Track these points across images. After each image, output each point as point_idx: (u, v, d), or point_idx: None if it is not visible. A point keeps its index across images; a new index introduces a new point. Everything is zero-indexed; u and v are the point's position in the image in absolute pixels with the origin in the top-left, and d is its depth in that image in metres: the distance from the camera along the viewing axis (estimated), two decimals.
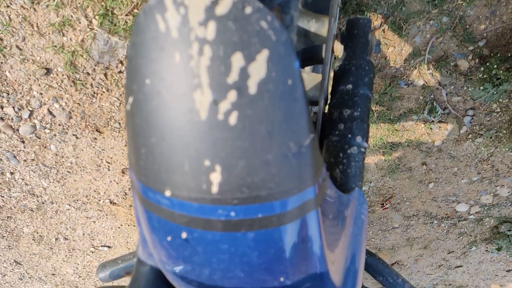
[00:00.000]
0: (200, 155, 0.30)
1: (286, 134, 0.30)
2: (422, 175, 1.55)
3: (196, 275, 0.40)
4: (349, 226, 0.49)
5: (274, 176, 0.31)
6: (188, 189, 0.32)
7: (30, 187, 1.43)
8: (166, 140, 0.30)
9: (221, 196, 0.31)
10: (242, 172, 0.30)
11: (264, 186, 0.31)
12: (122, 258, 0.88)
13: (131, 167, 0.36)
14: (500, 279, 2.15)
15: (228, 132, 0.29)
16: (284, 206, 0.33)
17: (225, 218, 0.33)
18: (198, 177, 0.31)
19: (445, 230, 1.82)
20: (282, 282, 0.40)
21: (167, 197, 0.33)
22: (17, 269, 1.83)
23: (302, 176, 0.32)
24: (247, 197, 0.31)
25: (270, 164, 0.30)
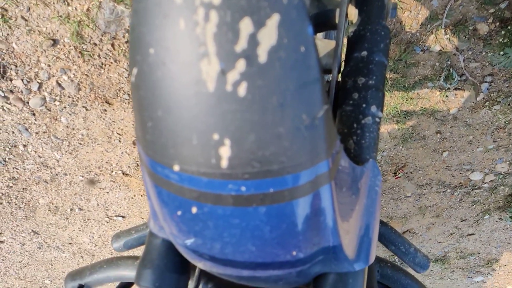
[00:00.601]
0: (208, 129, 0.28)
1: (298, 105, 0.28)
2: (436, 143, 1.52)
3: (207, 248, 0.39)
4: (363, 198, 0.48)
5: (286, 150, 0.29)
6: (197, 164, 0.30)
7: (43, 159, 1.44)
8: (172, 113, 0.29)
9: (231, 170, 0.30)
10: (252, 146, 0.29)
11: (275, 160, 0.30)
12: (135, 228, 0.89)
13: (139, 141, 0.35)
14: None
15: (237, 104, 0.27)
16: (296, 181, 0.31)
17: (236, 193, 0.31)
18: (206, 152, 0.29)
19: (458, 199, 1.81)
20: (295, 256, 0.39)
21: (176, 172, 0.32)
22: (35, 239, 1.88)
23: (315, 149, 0.31)
24: (258, 171, 0.30)
25: (282, 137, 0.29)
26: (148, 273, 0.50)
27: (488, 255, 2.21)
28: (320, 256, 0.43)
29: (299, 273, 0.43)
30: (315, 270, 0.45)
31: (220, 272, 0.45)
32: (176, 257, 0.51)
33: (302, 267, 0.42)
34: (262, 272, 0.42)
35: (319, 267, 0.45)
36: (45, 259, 2.03)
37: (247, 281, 0.47)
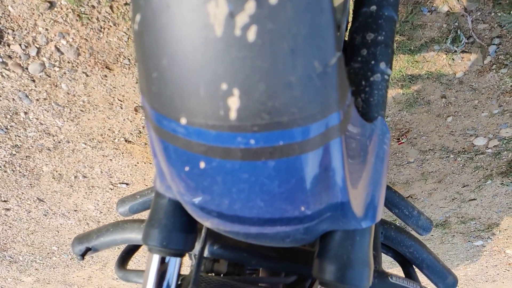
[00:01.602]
0: (216, 78, 0.27)
1: (310, 51, 0.27)
2: (441, 108, 1.51)
3: (215, 205, 0.39)
4: (371, 156, 0.47)
5: (297, 100, 0.28)
6: (205, 116, 0.29)
7: (45, 126, 1.43)
8: (178, 61, 0.28)
9: (240, 122, 0.29)
10: (262, 96, 0.28)
11: (285, 111, 0.29)
12: (140, 193, 0.89)
13: (143, 94, 0.34)
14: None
15: (246, 50, 0.26)
16: (306, 133, 0.31)
17: (245, 147, 0.31)
18: (214, 103, 0.28)
19: (461, 164, 1.81)
20: (303, 212, 0.39)
21: (183, 125, 0.31)
22: (40, 206, 1.90)
23: (326, 100, 0.30)
24: (267, 123, 0.29)
25: (293, 86, 0.28)
26: (155, 232, 0.50)
27: (489, 220, 2.23)
28: (328, 213, 0.42)
29: (306, 229, 0.43)
30: (322, 227, 0.45)
31: (228, 230, 0.45)
32: (183, 216, 0.51)
33: (310, 223, 0.42)
34: (270, 228, 0.42)
35: (326, 224, 0.45)
36: (51, 226, 2.06)
37: (254, 238, 0.47)
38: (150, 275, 0.52)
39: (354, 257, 0.45)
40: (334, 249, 0.46)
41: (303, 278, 0.77)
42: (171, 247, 0.50)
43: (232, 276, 0.74)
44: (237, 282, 0.70)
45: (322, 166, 0.34)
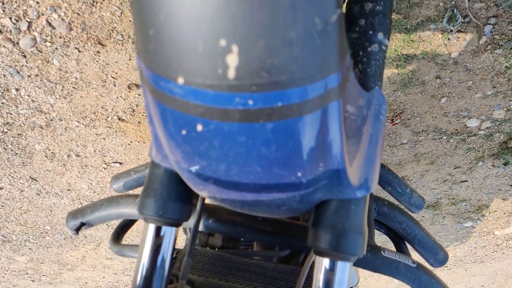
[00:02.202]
0: (214, 34, 0.27)
1: (311, 7, 0.26)
2: (435, 89, 1.51)
3: (212, 171, 0.39)
4: (368, 126, 0.47)
5: (297, 58, 0.28)
6: (203, 75, 0.29)
7: (37, 103, 1.42)
8: (175, 17, 0.27)
9: (239, 81, 0.29)
10: (261, 52, 0.27)
11: (285, 70, 0.28)
12: (135, 169, 0.89)
13: (139, 54, 0.33)
14: (503, 193, 2.20)
15: (245, 5, 0.25)
16: (305, 94, 0.30)
17: (243, 107, 0.30)
18: (213, 60, 0.28)
19: (453, 146, 1.83)
20: (299, 178, 0.39)
21: (180, 85, 0.31)
22: (33, 185, 1.89)
23: (326, 59, 0.30)
24: (266, 82, 0.29)
25: (293, 43, 0.27)
26: (151, 202, 0.50)
27: (479, 201, 2.27)
28: (324, 181, 0.42)
29: (302, 197, 0.44)
30: (317, 196, 0.45)
31: (224, 198, 0.45)
32: (179, 186, 0.51)
33: (306, 190, 0.42)
34: (266, 195, 0.42)
35: (321, 193, 0.45)
36: (45, 205, 2.05)
37: (250, 207, 0.47)
38: (146, 245, 0.52)
39: (349, 225, 0.45)
40: (329, 218, 0.46)
41: (297, 252, 0.78)
42: (167, 217, 0.50)
43: (227, 250, 0.74)
44: (231, 255, 0.71)
45: (320, 130, 0.34)
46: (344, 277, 0.47)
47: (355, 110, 0.42)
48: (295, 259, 0.78)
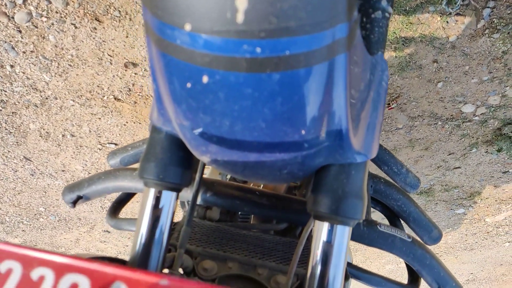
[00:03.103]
0: None
1: None
2: (432, 73, 1.51)
3: (216, 128, 0.39)
4: (371, 90, 0.47)
5: (306, 3, 0.28)
6: (211, 20, 0.29)
7: (32, 81, 1.40)
8: None
9: (247, 27, 0.28)
10: None
11: (294, 15, 0.28)
12: (132, 145, 0.88)
13: (146, 3, 0.33)
14: (495, 180, 2.22)
15: None
16: (313, 43, 0.30)
17: (250, 56, 0.30)
18: (222, 3, 0.28)
19: (448, 132, 1.84)
20: (302, 136, 0.39)
21: (187, 32, 0.30)
22: (27, 165, 1.88)
23: (335, 7, 0.29)
24: (275, 28, 0.29)
25: None
26: (152, 166, 0.50)
27: (471, 188, 2.29)
28: (326, 142, 0.43)
29: (304, 159, 0.44)
30: (319, 159, 0.45)
31: (226, 160, 0.45)
32: (180, 151, 0.51)
33: (308, 151, 0.42)
34: (268, 156, 0.42)
35: (323, 156, 0.45)
36: (39, 186, 2.05)
37: (251, 171, 0.47)
38: (146, 211, 0.52)
39: (348, 190, 0.46)
40: (329, 183, 0.46)
41: (294, 226, 0.79)
42: (167, 181, 0.50)
43: (225, 223, 0.75)
44: (229, 227, 0.71)
45: (326, 84, 0.34)
46: (343, 241, 0.48)
47: (360, 71, 0.42)
48: (292, 232, 0.79)
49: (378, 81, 0.48)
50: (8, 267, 0.29)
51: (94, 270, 0.29)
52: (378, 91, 0.49)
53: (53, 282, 0.28)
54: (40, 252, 0.29)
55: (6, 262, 0.29)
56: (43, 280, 0.28)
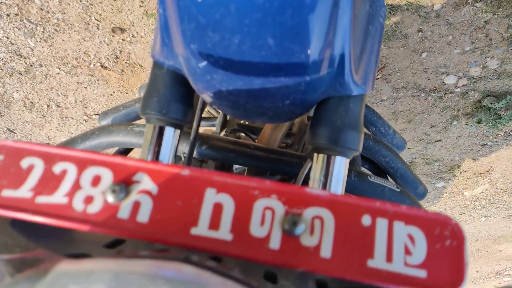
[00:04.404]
0: None
1: None
2: (417, 43, 1.55)
3: (224, 48, 0.40)
4: (369, 24, 0.49)
5: None
6: None
7: (16, 46, 1.37)
8: None
9: None
10: None
11: None
12: (124, 105, 0.89)
13: None
14: (474, 154, 2.30)
15: None
16: None
17: None
18: None
19: (430, 104, 1.88)
20: (308, 57, 0.41)
21: None
22: (11, 137, 1.85)
23: None
24: None
25: None
26: (154, 101, 0.51)
27: (451, 161, 2.36)
28: (329, 68, 0.44)
29: (307, 86, 0.45)
30: (320, 89, 0.47)
31: (230, 90, 0.46)
32: (182, 87, 0.52)
33: (312, 75, 0.44)
34: (273, 80, 0.44)
35: (324, 86, 0.47)
36: None
37: (254, 101, 0.48)
38: (148, 147, 0.52)
39: (347, 121, 0.48)
40: (329, 115, 0.48)
41: (287, 178, 0.81)
42: (170, 116, 0.51)
43: None
44: None
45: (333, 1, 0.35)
46: (341, 171, 0.50)
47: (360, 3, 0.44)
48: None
49: (376, 16, 0.50)
50: (30, 163, 0.30)
51: (116, 163, 0.30)
52: (376, 26, 0.50)
53: (76, 175, 0.29)
54: (61, 149, 0.30)
55: (27, 159, 0.30)
56: (66, 174, 0.29)
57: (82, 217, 0.28)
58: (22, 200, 0.29)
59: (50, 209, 0.28)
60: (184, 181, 0.29)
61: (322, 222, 0.28)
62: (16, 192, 0.29)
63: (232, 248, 0.27)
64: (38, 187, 0.29)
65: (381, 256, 0.27)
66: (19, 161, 0.30)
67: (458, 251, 0.27)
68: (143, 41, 1.37)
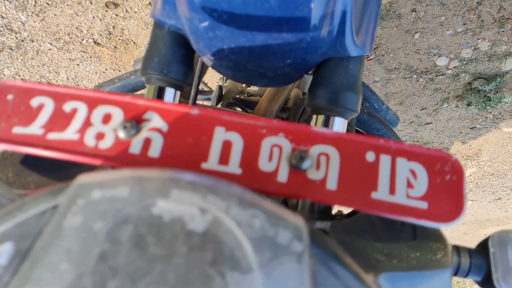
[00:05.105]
0: None
1: None
2: (410, 23, 1.56)
3: (227, 2, 0.40)
4: None
5: None
6: None
7: (7, 20, 1.35)
8: None
9: None
10: None
11: None
12: (119, 77, 0.88)
13: None
14: (463, 136, 2.33)
15: None
16: None
17: None
18: None
19: (422, 86, 1.90)
20: (311, 11, 0.41)
21: None
22: None
23: None
24: None
25: None
26: (155, 61, 0.51)
27: (441, 144, 2.40)
28: (331, 26, 0.45)
29: (309, 44, 0.46)
30: (321, 49, 0.48)
31: (232, 48, 0.47)
32: (182, 48, 0.52)
33: (314, 32, 0.44)
34: (276, 36, 0.44)
35: (325, 46, 0.47)
36: None
37: (256, 60, 0.49)
38: None
39: (346, 83, 0.49)
40: (328, 76, 0.49)
41: None
42: (171, 76, 0.51)
43: None
44: None
45: None
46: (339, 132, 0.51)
47: None
48: None
49: None
50: (40, 102, 0.30)
51: (126, 102, 0.30)
52: None
53: (86, 113, 0.30)
54: (70, 89, 0.30)
55: (36, 98, 0.30)
56: (76, 112, 0.30)
57: (94, 152, 0.29)
58: (33, 137, 0.29)
59: (62, 145, 0.29)
60: (194, 120, 0.30)
61: (327, 158, 0.29)
62: (27, 129, 0.29)
63: (242, 180, 0.28)
64: (49, 124, 0.29)
65: (384, 189, 0.28)
66: (29, 100, 0.30)
67: (458, 185, 0.28)
68: (136, 16, 1.36)
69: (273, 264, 0.18)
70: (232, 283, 0.16)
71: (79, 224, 0.18)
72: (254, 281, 0.17)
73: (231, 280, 0.17)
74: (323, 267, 0.21)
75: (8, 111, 0.30)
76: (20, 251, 0.19)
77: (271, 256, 0.18)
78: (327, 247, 0.22)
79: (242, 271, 0.17)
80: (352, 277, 0.21)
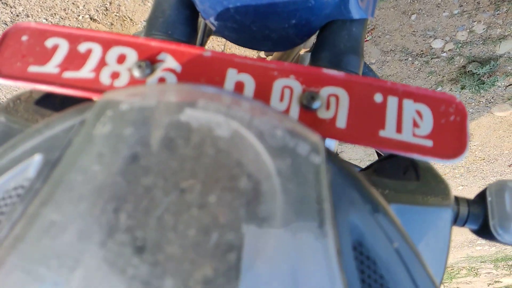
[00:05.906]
0: None
1: None
2: (407, 4, 1.56)
3: None
4: None
5: None
6: None
7: None
8: None
9: None
10: None
11: None
12: None
13: None
14: None
15: None
16: None
17: None
18: None
19: (417, 69, 1.92)
20: None
21: None
22: None
23: None
24: None
25: None
26: (160, 22, 0.52)
27: None
28: None
29: (314, 3, 0.46)
30: (325, 10, 0.49)
31: (238, 7, 0.47)
32: (187, 10, 0.53)
33: None
34: None
35: (330, 7, 0.48)
36: None
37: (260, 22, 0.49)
38: None
39: (349, 45, 0.49)
40: (332, 39, 0.50)
41: None
42: (175, 37, 0.52)
43: None
44: None
45: None
46: None
47: None
48: None
49: None
50: (54, 43, 0.31)
51: (140, 43, 0.31)
52: None
53: (101, 53, 0.30)
54: (84, 30, 0.31)
55: (51, 39, 0.31)
56: (91, 52, 0.30)
57: (110, 89, 0.29)
58: (49, 75, 0.30)
59: (78, 83, 0.29)
60: (206, 62, 0.31)
61: (337, 99, 0.30)
62: (43, 68, 0.30)
63: None
64: (65, 64, 0.30)
65: (391, 128, 0.29)
66: (44, 41, 0.31)
67: (461, 125, 0.29)
68: None
69: (292, 170, 0.19)
70: (255, 183, 0.17)
71: (109, 132, 0.19)
72: (274, 187, 0.18)
73: (253, 181, 0.17)
74: (339, 178, 0.22)
75: (23, 51, 0.30)
76: (49, 161, 0.19)
77: (291, 163, 0.19)
78: (342, 163, 0.23)
79: (265, 176, 0.18)
80: (367, 189, 0.22)
